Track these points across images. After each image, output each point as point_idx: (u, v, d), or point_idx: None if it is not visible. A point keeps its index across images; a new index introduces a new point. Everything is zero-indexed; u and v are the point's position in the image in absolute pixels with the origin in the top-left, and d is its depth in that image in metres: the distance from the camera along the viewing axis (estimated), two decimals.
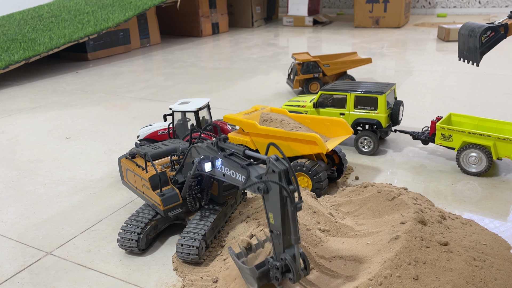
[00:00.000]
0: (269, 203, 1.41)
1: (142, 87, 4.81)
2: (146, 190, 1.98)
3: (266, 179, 1.39)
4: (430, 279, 1.49)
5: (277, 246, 1.46)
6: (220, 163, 1.67)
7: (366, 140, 2.81)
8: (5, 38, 5.62)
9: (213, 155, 1.70)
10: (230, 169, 1.61)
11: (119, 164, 2.20)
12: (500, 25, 2.25)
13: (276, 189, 1.36)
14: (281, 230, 1.41)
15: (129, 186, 2.18)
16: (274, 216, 1.42)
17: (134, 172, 2.04)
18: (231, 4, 9.03)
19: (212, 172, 1.72)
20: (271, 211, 1.42)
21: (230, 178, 1.62)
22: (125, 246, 1.90)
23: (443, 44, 6.44)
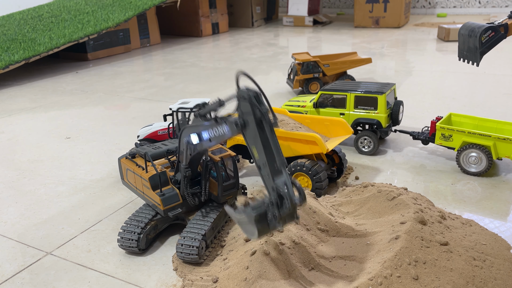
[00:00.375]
0: (249, 136, 1.46)
1: (142, 87, 4.81)
2: (146, 190, 1.98)
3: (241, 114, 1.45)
4: (430, 279, 1.49)
5: (267, 179, 1.43)
6: (205, 131, 1.65)
7: (366, 140, 2.81)
8: (5, 38, 5.62)
9: (197, 128, 1.69)
10: (213, 130, 1.62)
11: (119, 164, 2.20)
12: (500, 25, 2.25)
13: (253, 120, 1.42)
14: (266, 159, 1.41)
15: (129, 186, 2.17)
16: (257, 148, 1.44)
17: (134, 172, 2.04)
18: (231, 4, 9.03)
19: (200, 146, 1.70)
20: (253, 145, 1.45)
21: (217, 137, 1.62)
22: (125, 246, 1.90)
23: (443, 44, 6.44)
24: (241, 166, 2.74)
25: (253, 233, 1.44)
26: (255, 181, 2.55)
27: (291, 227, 1.76)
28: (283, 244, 1.67)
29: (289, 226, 1.76)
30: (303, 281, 1.58)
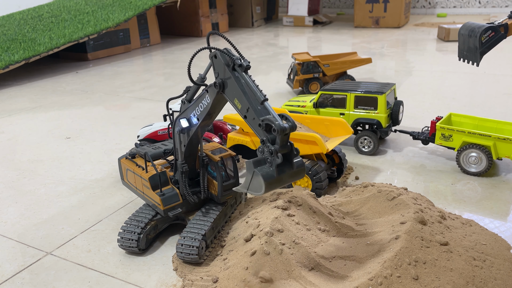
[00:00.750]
0: (229, 91, 1.58)
1: (142, 87, 4.81)
2: (146, 190, 1.98)
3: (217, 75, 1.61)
4: (430, 279, 1.49)
5: (254, 123, 1.48)
6: (191, 113, 1.80)
7: (366, 140, 2.81)
8: (5, 38, 5.62)
9: (183, 113, 1.84)
10: (198, 107, 1.77)
11: (119, 164, 2.20)
12: (500, 25, 2.25)
13: (230, 76, 1.56)
14: (248, 103, 1.51)
15: (129, 186, 2.17)
16: (238, 98, 1.54)
17: (134, 172, 2.04)
18: (231, 4, 9.03)
19: (192, 126, 1.80)
20: (234, 97, 1.56)
21: (203, 110, 1.75)
22: (125, 246, 1.90)
23: (443, 44, 6.44)
24: (241, 166, 2.74)
25: (260, 186, 1.43)
26: None
27: (291, 227, 1.76)
28: (283, 244, 1.67)
29: (289, 226, 1.76)
30: (303, 281, 1.58)
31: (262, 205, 2.01)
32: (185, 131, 1.83)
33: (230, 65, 1.58)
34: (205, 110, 1.74)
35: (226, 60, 1.59)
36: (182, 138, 1.87)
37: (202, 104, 1.76)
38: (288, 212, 1.83)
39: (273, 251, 1.64)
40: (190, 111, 1.82)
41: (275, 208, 1.86)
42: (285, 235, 1.71)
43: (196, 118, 1.80)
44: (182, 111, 1.86)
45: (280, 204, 1.87)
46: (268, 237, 1.68)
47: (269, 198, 2.04)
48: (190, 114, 1.82)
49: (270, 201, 1.99)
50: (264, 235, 1.70)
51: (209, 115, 1.77)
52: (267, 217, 1.83)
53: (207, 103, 1.73)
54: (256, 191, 1.47)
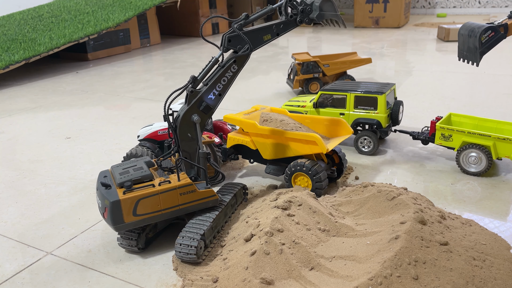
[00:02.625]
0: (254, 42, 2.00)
1: (142, 87, 4.82)
2: (187, 197, 1.85)
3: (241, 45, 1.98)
4: (430, 279, 1.50)
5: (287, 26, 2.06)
6: (210, 94, 1.97)
7: (366, 140, 2.81)
8: (5, 38, 5.62)
9: (198, 100, 1.95)
10: (220, 81, 1.98)
11: (118, 205, 1.76)
12: (500, 25, 2.26)
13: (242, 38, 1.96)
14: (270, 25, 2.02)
15: (140, 221, 1.82)
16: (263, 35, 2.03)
17: (160, 192, 1.82)
18: (231, 4, 9.03)
19: (213, 105, 1.99)
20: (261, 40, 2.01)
21: (227, 83, 1.99)
22: (125, 245, 1.91)
23: (443, 44, 6.44)
24: (241, 166, 2.74)
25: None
26: (255, 181, 2.55)
27: (291, 227, 1.76)
28: (283, 244, 1.67)
29: (289, 226, 1.76)
30: (303, 281, 1.58)
31: (262, 205, 2.02)
32: (208, 113, 1.98)
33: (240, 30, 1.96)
34: (231, 80, 1.99)
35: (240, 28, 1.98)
36: (201, 125, 1.96)
37: (226, 77, 1.97)
38: (288, 212, 1.83)
39: (273, 251, 1.64)
40: (207, 93, 1.96)
41: (275, 208, 1.86)
42: (285, 235, 1.71)
43: (218, 94, 1.98)
44: (197, 98, 1.94)
45: (280, 204, 1.87)
46: (268, 237, 1.68)
47: (269, 198, 2.05)
48: (208, 96, 1.96)
49: (270, 201, 2.00)
50: (264, 235, 1.70)
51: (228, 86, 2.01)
52: (267, 217, 1.83)
53: (233, 72, 1.98)
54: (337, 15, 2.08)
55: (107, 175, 1.93)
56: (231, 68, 1.97)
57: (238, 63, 1.98)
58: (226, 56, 2.02)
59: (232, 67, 1.97)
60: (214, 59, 1.97)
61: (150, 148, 2.64)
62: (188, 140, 1.97)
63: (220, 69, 1.97)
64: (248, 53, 1.98)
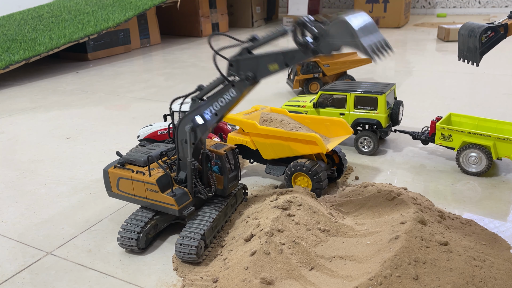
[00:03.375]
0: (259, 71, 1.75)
1: (142, 87, 4.81)
2: (152, 194, 1.92)
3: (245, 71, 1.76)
4: (430, 279, 1.50)
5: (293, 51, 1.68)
6: (206, 110, 1.85)
7: (366, 140, 2.81)
8: (5, 38, 5.62)
9: (195, 111, 1.86)
10: (218, 101, 1.82)
11: (106, 175, 2.04)
12: (500, 25, 2.25)
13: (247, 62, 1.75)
14: (278, 53, 1.71)
15: (121, 196, 2.05)
16: (269, 63, 1.73)
17: (132, 179, 1.96)
18: (231, 4, 9.02)
19: (206, 123, 1.86)
20: (267, 68, 1.74)
21: (224, 106, 1.82)
22: (125, 245, 1.91)
23: (443, 44, 6.44)
24: (241, 166, 2.74)
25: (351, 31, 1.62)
26: (255, 181, 2.55)
27: (291, 227, 1.76)
28: (283, 244, 1.67)
29: (289, 226, 1.76)
30: (303, 281, 1.58)
31: (262, 205, 2.02)
32: (199, 127, 1.88)
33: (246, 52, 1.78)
34: (229, 103, 1.82)
35: (245, 54, 1.78)
36: (192, 136, 1.89)
37: (223, 99, 1.82)
38: (288, 212, 1.83)
39: (273, 251, 1.64)
40: (204, 108, 1.85)
41: (275, 208, 1.86)
42: (285, 235, 1.71)
43: (215, 113, 1.85)
44: (194, 109, 1.87)
45: (280, 204, 1.87)
46: (268, 237, 1.68)
47: (269, 198, 2.05)
48: (204, 111, 1.86)
49: (270, 201, 2.00)
50: (264, 235, 1.70)
51: (229, 109, 1.85)
52: (267, 217, 1.83)
53: (231, 97, 1.81)
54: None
55: (139, 150, 2.14)
56: (230, 92, 1.81)
57: (236, 89, 1.80)
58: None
59: (230, 91, 1.80)
60: (220, 76, 1.84)
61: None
62: (183, 145, 1.94)
63: (221, 89, 1.84)
64: (247, 82, 1.77)
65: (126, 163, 2.04)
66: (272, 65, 1.73)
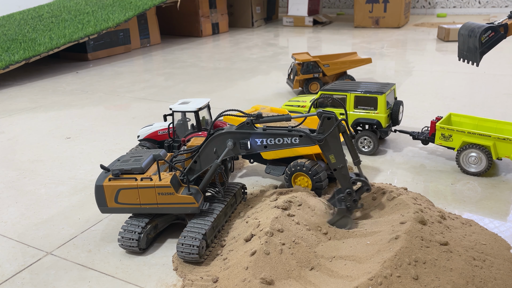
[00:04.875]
0: (326, 149, 1.83)
1: (142, 87, 4.82)
2: (166, 198, 1.88)
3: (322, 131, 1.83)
4: (430, 279, 1.50)
5: (344, 179, 1.86)
6: (258, 138, 1.89)
7: (366, 140, 2.81)
8: (5, 38, 5.62)
9: (244, 135, 1.90)
10: (275, 138, 1.88)
11: (101, 190, 1.91)
12: (500, 25, 2.25)
13: (335, 136, 1.81)
14: (343, 161, 1.84)
15: (120, 209, 1.94)
16: (335, 155, 1.84)
17: (139, 187, 1.88)
18: (231, 4, 9.03)
19: (252, 149, 1.92)
20: (331, 153, 1.84)
21: (278, 145, 1.89)
22: (126, 246, 1.91)
23: (443, 44, 6.44)
24: (241, 166, 2.74)
25: (348, 223, 1.89)
26: (255, 181, 2.55)
27: (291, 227, 1.76)
28: (283, 244, 1.67)
29: (289, 226, 1.76)
30: (303, 281, 1.58)
31: (262, 205, 2.02)
32: (241, 148, 1.92)
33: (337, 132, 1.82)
34: (284, 146, 1.89)
35: (341, 129, 1.83)
36: (228, 152, 1.92)
37: (282, 140, 1.88)
38: (288, 212, 1.83)
39: (273, 251, 1.64)
40: (258, 136, 1.89)
41: (275, 208, 1.86)
42: (285, 235, 1.71)
43: (264, 145, 1.90)
44: (245, 131, 1.89)
45: (280, 204, 1.87)
46: (268, 237, 1.68)
47: (269, 198, 2.05)
48: (256, 138, 1.89)
49: (270, 201, 2.00)
50: (264, 235, 1.70)
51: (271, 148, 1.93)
52: (267, 217, 1.83)
53: (291, 143, 1.88)
54: (341, 227, 1.88)
55: (121, 159, 2.04)
56: (293, 139, 1.86)
57: (302, 140, 1.85)
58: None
59: (294, 139, 1.86)
60: (287, 116, 1.88)
61: (150, 148, 2.64)
62: (210, 151, 1.94)
63: (285, 129, 1.87)
64: (317, 141, 1.82)
65: (120, 174, 1.93)
66: (332, 158, 1.85)
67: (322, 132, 1.82)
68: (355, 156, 1.88)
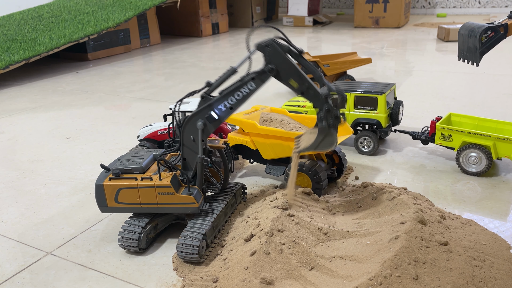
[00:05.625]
0: (283, 73, 1.83)
1: (142, 87, 4.82)
2: (166, 198, 1.88)
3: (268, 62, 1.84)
4: (430, 279, 1.50)
5: (316, 98, 1.82)
6: (220, 105, 1.89)
7: (366, 140, 2.81)
8: (5, 38, 5.62)
9: (207, 108, 1.89)
10: (234, 95, 1.89)
11: (101, 189, 1.91)
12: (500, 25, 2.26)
13: (281, 58, 1.82)
14: (308, 82, 1.82)
15: (120, 208, 1.94)
16: (294, 78, 1.82)
17: (139, 187, 1.88)
18: (231, 4, 9.03)
19: (221, 117, 1.90)
20: (289, 78, 1.83)
21: (241, 99, 1.90)
22: (126, 246, 1.91)
23: (443, 44, 6.44)
24: (241, 166, 2.74)
25: (333, 142, 1.83)
26: (255, 181, 2.55)
27: (291, 227, 1.76)
28: (283, 244, 1.67)
29: (289, 226, 1.76)
30: (303, 281, 1.58)
31: (262, 205, 2.02)
32: (213, 123, 1.91)
33: (286, 51, 1.83)
34: (246, 96, 1.90)
35: (284, 48, 1.84)
36: (205, 132, 1.91)
37: (241, 92, 1.89)
38: (288, 212, 1.83)
39: (273, 251, 1.64)
40: (218, 103, 1.89)
41: (275, 208, 1.86)
42: (285, 235, 1.71)
43: (230, 107, 1.89)
44: (206, 105, 1.89)
45: (280, 204, 1.87)
46: (268, 237, 1.68)
47: (269, 198, 2.05)
48: (218, 106, 1.89)
49: (270, 201, 2.00)
50: (264, 235, 1.70)
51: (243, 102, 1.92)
52: (267, 217, 1.83)
53: (249, 90, 1.89)
54: (326, 147, 1.85)
55: (121, 159, 2.04)
56: (249, 85, 1.89)
57: (256, 81, 1.89)
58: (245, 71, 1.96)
59: (249, 83, 1.89)
60: (232, 69, 1.91)
61: (150, 148, 2.64)
62: (189, 142, 1.95)
63: (237, 82, 1.90)
64: (268, 72, 1.87)
65: (121, 174, 1.92)
66: (293, 82, 1.85)
67: (269, 62, 1.84)
68: (314, 71, 1.87)
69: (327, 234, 1.82)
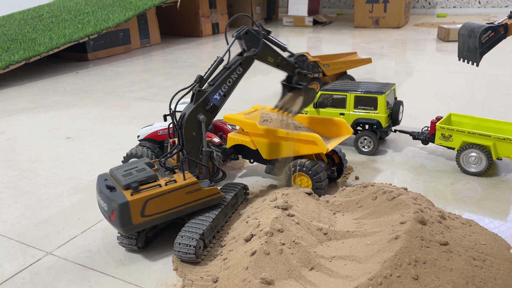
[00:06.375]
0: (261, 53, 2.11)
1: (142, 87, 4.82)
2: (194, 195, 1.86)
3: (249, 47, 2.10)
4: (430, 279, 1.50)
5: (288, 66, 2.20)
6: (215, 95, 2.03)
7: (366, 140, 2.81)
8: (5, 38, 5.62)
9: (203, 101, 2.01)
10: (226, 83, 2.06)
11: (127, 207, 1.73)
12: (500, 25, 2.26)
13: (259, 41, 2.09)
14: (280, 55, 2.15)
15: (148, 222, 1.80)
16: (270, 56, 2.14)
17: (167, 192, 1.81)
18: (231, 4, 9.03)
19: (218, 106, 2.05)
20: (266, 56, 2.14)
21: (232, 85, 2.08)
22: (125, 244, 1.91)
23: (443, 44, 6.44)
24: (241, 166, 2.74)
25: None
26: (255, 181, 2.55)
27: (291, 227, 1.76)
28: (283, 244, 1.67)
29: (289, 226, 1.76)
30: (303, 281, 1.58)
31: (262, 205, 2.02)
32: (213, 113, 2.03)
33: (263, 36, 2.08)
34: (236, 82, 2.08)
35: (259, 32, 2.08)
36: (204, 126, 2.00)
37: (231, 79, 2.07)
38: (288, 212, 1.83)
39: (273, 251, 1.64)
40: (213, 93, 2.02)
41: (275, 208, 1.86)
42: (285, 235, 1.71)
43: (223, 95, 2.05)
44: (203, 98, 1.99)
45: (280, 204, 1.87)
46: (268, 237, 1.68)
47: (269, 198, 2.05)
48: (214, 96, 2.03)
49: (270, 201, 2.00)
50: (264, 235, 1.70)
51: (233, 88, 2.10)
52: (267, 217, 1.83)
53: (238, 74, 2.08)
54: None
55: (107, 178, 1.90)
56: (236, 70, 2.07)
57: (243, 65, 2.08)
58: (232, 58, 2.11)
59: (237, 69, 2.07)
60: (219, 58, 2.04)
61: (150, 148, 2.64)
62: (192, 139, 2.00)
63: (226, 70, 2.06)
64: (253, 56, 2.08)
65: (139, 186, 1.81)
66: (270, 58, 2.14)
67: (250, 47, 2.09)
68: (280, 45, 2.17)
69: (327, 234, 1.82)
